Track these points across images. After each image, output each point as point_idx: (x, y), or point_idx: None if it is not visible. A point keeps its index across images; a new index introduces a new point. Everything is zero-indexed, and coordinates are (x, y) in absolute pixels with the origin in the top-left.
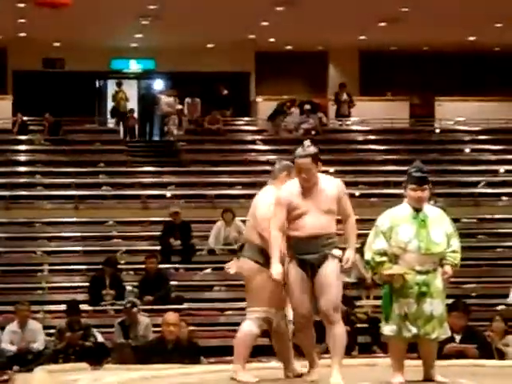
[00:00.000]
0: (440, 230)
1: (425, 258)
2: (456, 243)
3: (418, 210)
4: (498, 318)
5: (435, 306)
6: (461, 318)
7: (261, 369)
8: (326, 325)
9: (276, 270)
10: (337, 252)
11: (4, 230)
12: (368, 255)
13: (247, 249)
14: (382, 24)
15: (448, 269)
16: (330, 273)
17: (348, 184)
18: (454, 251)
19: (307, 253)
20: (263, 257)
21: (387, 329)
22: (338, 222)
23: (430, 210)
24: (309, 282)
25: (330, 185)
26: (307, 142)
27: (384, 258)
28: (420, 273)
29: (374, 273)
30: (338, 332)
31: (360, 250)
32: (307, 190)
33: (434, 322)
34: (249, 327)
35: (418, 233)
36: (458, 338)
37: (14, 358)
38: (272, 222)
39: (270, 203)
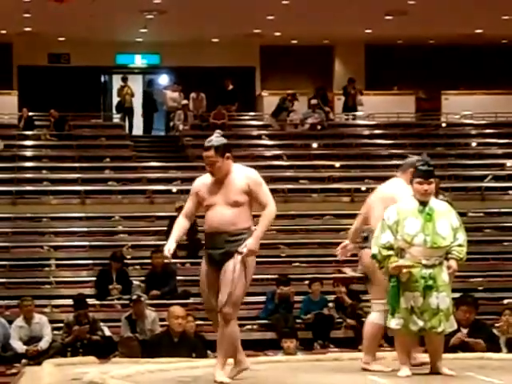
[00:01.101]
0: (446, 223)
1: (431, 252)
2: (462, 237)
3: (424, 204)
4: (508, 312)
5: (441, 299)
6: (469, 313)
7: (271, 362)
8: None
9: (167, 246)
10: (243, 249)
11: (11, 224)
12: (375, 249)
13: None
14: (389, 17)
15: (453, 263)
16: (229, 271)
17: (354, 178)
18: (459, 245)
19: (213, 248)
20: None
21: (394, 322)
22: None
23: (437, 204)
24: (215, 278)
25: (240, 176)
26: (216, 133)
27: (390, 252)
28: (426, 266)
29: (381, 267)
30: (228, 331)
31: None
32: (217, 182)
33: (440, 315)
34: (378, 320)
35: (424, 226)
36: (465, 331)
37: (23, 352)
38: (183, 209)
39: (395, 194)
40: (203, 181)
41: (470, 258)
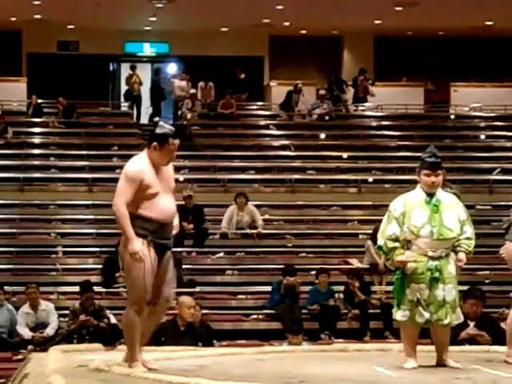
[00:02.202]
0: (453, 215)
1: (437, 244)
2: (470, 230)
3: (431, 195)
4: None
5: (448, 291)
6: (477, 306)
7: (276, 352)
8: (156, 311)
9: (137, 247)
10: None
11: (18, 211)
12: (381, 241)
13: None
14: (398, 8)
15: (462, 256)
16: (171, 265)
17: (361, 170)
18: (468, 238)
19: (165, 238)
20: None
21: (400, 314)
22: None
23: (444, 196)
24: (156, 268)
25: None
26: (163, 121)
27: (396, 244)
28: (432, 258)
29: (387, 258)
30: (159, 320)
31: (372, 236)
32: (157, 169)
33: (446, 307)
34: None
35: (431, 218)
36: (472, 324)
37: (29, 338)
38: (121, 199)
39: None
40: (142, 167)
41: (477, 251)
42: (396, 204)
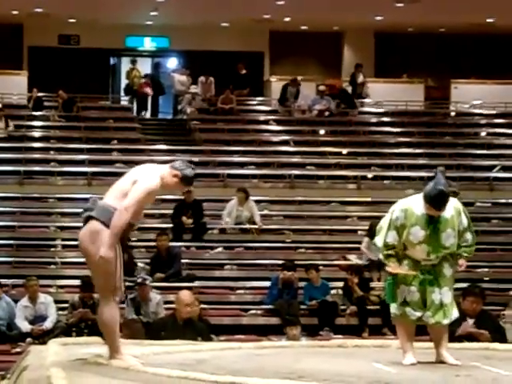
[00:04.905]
0: (452, 232)
1: (430, 259)
2: (471, 237)
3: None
4: None
5: (444, 294)
6: (476, 303)
7: (274, 347)
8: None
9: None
10: None
11: (18, 204)
12: (379, 241)
13: None
14: (399, 4)
15: (462, 262)
16: None
17: (361, 166)
18: (469, 246)
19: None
20: None
21: (394, 307)
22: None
23: (446, 209)
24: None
25: None
26: None
27: (391, 252)
28: (426, 265)
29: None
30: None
31: (369, 233)
32: None
33: (444, 309)
34: None
35: (429, 238)
36: (471, 322)
37: (28, 331)
38: (134, 209)
39: None
40: (159, 185)
41: (477, 248)
42: (398, 212)
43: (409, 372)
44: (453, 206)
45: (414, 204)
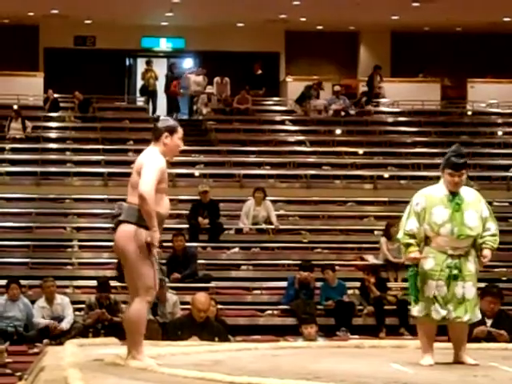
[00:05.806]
0: (475, 214)
1: (457, 242)
2: (493, 226)
3: (454, 193)
4: None
5: (467, 289)
6: (494, 303)
7: (292, 348)
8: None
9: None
10: None
11: (35, 205)
12: (400, 234)
13: None
14: (416, 4)
15: (487, 252)
16: None
17: (377, 166)
18: (492, 234)
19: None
20: None
21: (416, 309)
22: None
23: (466, 193)
24: None
25: None
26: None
27: (412, 241)
28: (452, 256)
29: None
30: None
31: (385, 232)
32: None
33: (466, 304)
34: None
35: (452, 216)
36: (489, 322)
37: (45, 332)
38: (152, 187)
39: None
40: (164, 160)
41: None
42: (418, 198)
43: (426, 373)
44: (473, 192)
45: (433, 189)
